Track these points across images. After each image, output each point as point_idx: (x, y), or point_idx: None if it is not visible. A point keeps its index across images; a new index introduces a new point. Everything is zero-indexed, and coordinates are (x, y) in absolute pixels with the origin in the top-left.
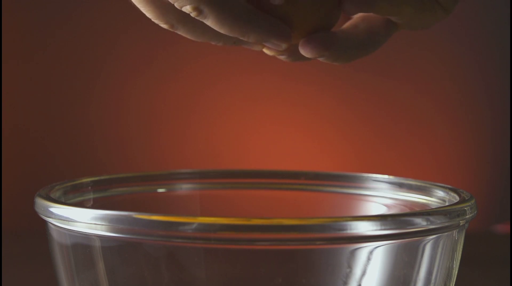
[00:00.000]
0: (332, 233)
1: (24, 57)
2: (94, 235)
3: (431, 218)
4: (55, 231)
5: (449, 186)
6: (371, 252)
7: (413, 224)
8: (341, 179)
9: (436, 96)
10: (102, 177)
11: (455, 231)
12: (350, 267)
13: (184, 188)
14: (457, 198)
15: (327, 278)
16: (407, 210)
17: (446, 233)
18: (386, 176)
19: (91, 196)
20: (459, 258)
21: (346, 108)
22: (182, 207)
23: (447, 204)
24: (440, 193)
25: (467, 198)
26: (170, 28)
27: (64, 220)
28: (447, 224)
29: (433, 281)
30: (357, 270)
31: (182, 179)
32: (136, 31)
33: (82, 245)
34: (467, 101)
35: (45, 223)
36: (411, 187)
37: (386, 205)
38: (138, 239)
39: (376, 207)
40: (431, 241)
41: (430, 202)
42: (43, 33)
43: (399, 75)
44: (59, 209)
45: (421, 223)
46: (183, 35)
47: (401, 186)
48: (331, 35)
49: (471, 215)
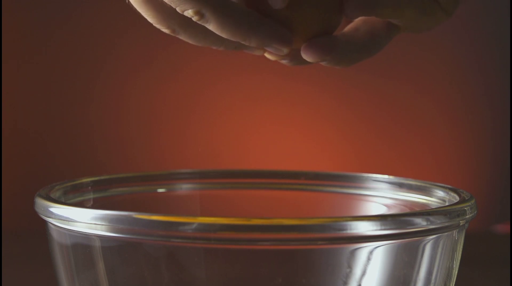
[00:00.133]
0: (332, 233)
1: (24, 57)
2: (94, 235)
3: (431, 218)
4: (55, 231)
5: (449, 186)
6: (371, 252)
7: (413, 224)
8: (341, 179)
9: (436, 97)
10: (102, 177)
11: (455, 231)
12: (350, 267)
13: (184, 188)
14: (457, 198)
15: (327, 278)
16: (407, 210)
17: (446, 233)
18: (386, 176)
19: (91, 196)
20: (459, 258)
21: (346, 108)
22: (182, 207)
23: (447, 204)
24: (440, 193)
25: (467, 198)
26: (171, 33)
27: (64, 220)
28: (447, 224)
29: (433, 281)
30: (357, 270)
31: (182, 179)
32: (136, 31)
33: (82, 245)
34: (467, 101)
35: (45, 223)
36: (411, 187)
37: (386, 205)
38: (138, 239)
39: (376, 207)
40: (431, 241)
41: (430, 202)
42: (43, 33)
43: (399, 75)
44: (59, 209)
45: (421, 223)
46: (184, 39)
47: (401, 186)
48: (332, 39)
49: (471, 215)
